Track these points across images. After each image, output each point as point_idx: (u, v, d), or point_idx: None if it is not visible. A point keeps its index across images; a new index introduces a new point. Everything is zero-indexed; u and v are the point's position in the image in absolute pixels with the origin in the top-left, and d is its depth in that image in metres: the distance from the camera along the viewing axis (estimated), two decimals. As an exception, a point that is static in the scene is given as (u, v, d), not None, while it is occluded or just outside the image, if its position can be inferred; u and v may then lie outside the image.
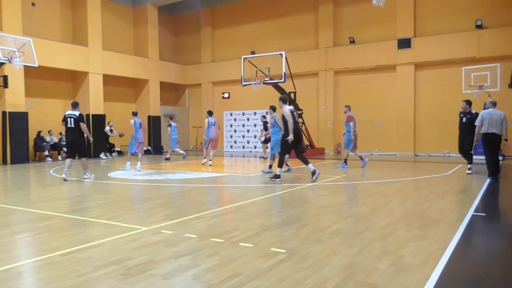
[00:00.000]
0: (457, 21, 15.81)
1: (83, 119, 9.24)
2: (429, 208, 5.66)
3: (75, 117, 9.09)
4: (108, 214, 5.48)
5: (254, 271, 3.20)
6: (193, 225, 4.82)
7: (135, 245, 3.97)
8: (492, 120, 8.49)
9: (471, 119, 9.42)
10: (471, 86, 14.33)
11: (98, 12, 17.73)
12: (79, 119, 9.10)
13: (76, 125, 9.06)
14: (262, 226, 4.73)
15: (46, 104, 16.81)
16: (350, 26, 18.09)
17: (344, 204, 6.03)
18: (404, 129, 16.69)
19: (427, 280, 2.99)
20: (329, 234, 4.33)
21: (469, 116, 9.56)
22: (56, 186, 8.71)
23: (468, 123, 9.48)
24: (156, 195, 7.20)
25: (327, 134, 18.38)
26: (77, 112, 9.18)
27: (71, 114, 9.14)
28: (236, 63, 19.00)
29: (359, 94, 17.93)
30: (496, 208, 6.29)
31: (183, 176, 10.02)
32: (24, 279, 3.20)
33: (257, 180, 9.31)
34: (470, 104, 9.76)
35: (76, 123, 9.06)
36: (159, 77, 20.92)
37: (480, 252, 3.91)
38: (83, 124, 9.12)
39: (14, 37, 13.78)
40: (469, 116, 9.56)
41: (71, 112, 9.22)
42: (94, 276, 3.15)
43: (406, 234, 4.32)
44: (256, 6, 20.49)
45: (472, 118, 9.38)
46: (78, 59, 16.94)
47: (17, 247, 4.12)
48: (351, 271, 3.19)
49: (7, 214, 5.68)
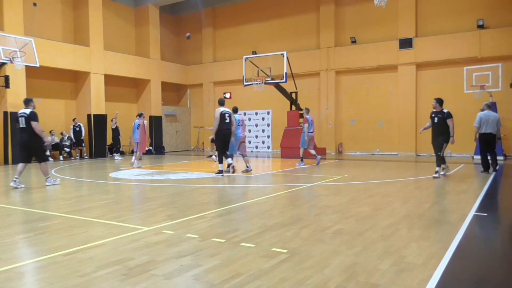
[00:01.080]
0: (458, 21, 15.78)
1: (36, 118, 8.07)
2: (431, 208, 5.65)
3: (26, 115, 7.99)
4: (110, 214, 5.49)
5: (255, 271, 3.20)
6: (195, 225, 4.82)
7: (137, 245, 3.97)
8: (488, 121, 9.40)
9: (442, 118, 8.75)
10: (472, 86, 14.31)
11: (100, 12, 17.76)
12: (30, 117, 7.98)
13: (28, 124, 7.96)
14: (264, 226, 4.73)
15: (47, 104, 16.84)
16: (352, 26, 18.08)
17: (345, 204, 6.02)
18: (405, 129, 16.67)
19: (429, 280, 2.99)
20: (331, 234, 4.33)
21: (441, 116, 8.81)
22: (57, 186, 8.72)
23: (440, 123, 8.80)
24: (157, 195, 7.20)
25: (328, 134, 18.36)
26: (28, 110, 8.08)
27: (22, 113, 8.07)
28: (237, 63, 19.01)
29: (360, 94, 17.92)
30: (498, 208, 6.27)
31: (184, 176, 10.03)
32: (26, 279, 3.20)
33: (258, 180, 9.31)
34: (441, 102, 8.99)
35: (27, 123, 7.96)
36: (160, 77, 20.93)
37: (482, 252, 3.90)
38: (34, 123, 7.98)
39: (15, 37, 13.82)
40: (441, 116, 8.81)
41: (23, 110, 8.14)
42: (95, 276, 3.16)
43: (408, 234, 4.31)
44: (257, 6, 20.49)
45: (444, 117, 8.73)
46: (80, 59, 16.97)
47: (19, 247, 4.13)
48: (353, 271, 3.19)
49: (9, 214, 5.69)
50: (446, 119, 8.69)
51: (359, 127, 17.96)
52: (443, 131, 8.72)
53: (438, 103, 8.95)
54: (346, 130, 18.36)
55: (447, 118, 8.70)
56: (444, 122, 8.70)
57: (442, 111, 8.86)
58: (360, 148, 17.90)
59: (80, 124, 16.95)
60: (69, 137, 16.83)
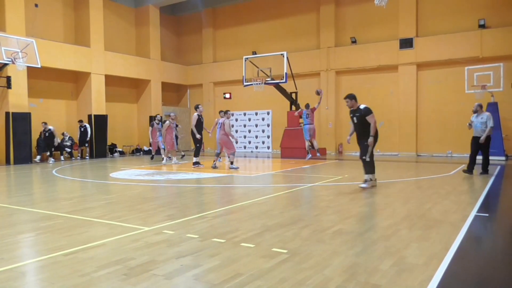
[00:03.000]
0: (459, 21, 15.76)
1: None
2: (431, 209, 5.64)
3: None
4: (110, 214, 5.50)
5: (256, 271, 3.20)
6: (195, 225, 4.82)
7: (137, 245, 3.97)
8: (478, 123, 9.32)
9: (361, 116, 7.37)
10: (474, 86, 14.30)
11: (100, 13, 17.79)
12: None
13: None
14: (264, 226, 4.73)
15: (48, 105, 16.87)
16: (352, 26, 18.07)
17: (346, 205, 6.02)
18: (406, 129, 16.66)
19: (429, 281, 2.98)
20: (331, 234, 4.32)
21: (359, 114, 7.41)
22: (58, 186, 8.74)
23: (360, 122, 7.44)
24: (157, 195, 7.21)
25: (329, 134, 18.36)
26: None
27: None
28: (237, 64, 19.02)
29: (361, 94, 17.69)
30: (499, 209, 6.26)
31: (185, 177, 10.03)
32: (27, 278, 3.21)
33: (258, 180, 9.31)
34: (353, 97, 7.53)
35: None
36: (160, 78, 20.95)
37: (483, 253, 3.90)
38: None
39: (17, 38, 13.85)
40: (359, 114, 7.41)
41: None
42: (96, 276, 3.16)
43: (409, 234, 4.31)
44: (257, 6, 20.49)
45: (362, 115, 7.36)
46: (81, 60, 17.00)
47: (21, 247, 4.13)
48: (353, 272, 3.19)
49: (11, 214, 5.70)
50: (365, 117, 7.34)
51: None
52: (367, 131, 7.38)
53: (350, 99, 7.51)
54: (346, 130, 18.31)
55: (365, 116, 7.34)
56: (365, 120, 7.36)
57: (358, 108, 7.46)
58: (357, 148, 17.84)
59: (86, 125, 16.95)
60: (70, 137, 16.85)
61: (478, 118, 9.37)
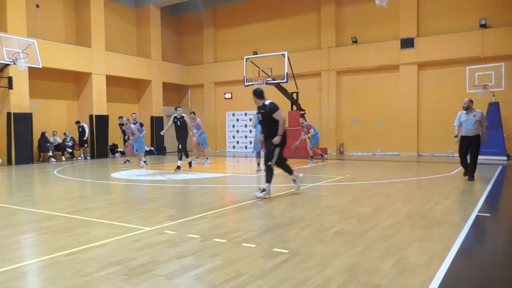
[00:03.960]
0: (460, 20, 15.75)
1: None
2: (433, 209, 5.63)
3: None
4: (111, 215, 5.50)
5: (257, 272, 3.20)
6: (196, 225, 4.82)
7: (138, 246, 3.98)
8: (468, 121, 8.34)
9: (266, 114, 6.56)
10: (475, 85, 14.28)
11: (101, 13, 17.82)
12: None
13: None
14: (265, 226, 4.73)
15: (50, 105, 16.90)
16: (353, 26, 18.07)
17: (347, 205, 6.01)
18: (407, 129, 16.64)
19: (431, 281, 2.98)
20: (332, 234, 4.32)
21: (264, 111, 6.57)
22: (60, 187, 8.75)
23: (266, 120, 6.62)
24: (158, 196, 7.21)
25: (329, 134, 18.35)
26: None
27: None
28: (238, 64, 19.02)
29: (361, 94, 17.90)
30: (501, 209, 6.25)
31: (186, 177, 10.04)
32: (29, 278, 3.21)
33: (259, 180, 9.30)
34: (256, 94, 6.67)
35: None
36: (161, 78, 20.97)
37: (485, 253, 3.89)
38: None
39: (18, 39, 13.87)
40: (264, 111, 6.57)
41: None
42: (97, 276, 3.16)
43: (410, 234, 4.31)
44: (258, 6, 20.50)
45: (266, 111, 6.53)
46: (82, 60, 17.03)
47: (22, 247, 4.14)
48: (354, 272, 3.18)
49: (12, 214, 5.71)
50: (271, 114, 6.48)
51: (360, 127, 17.94)
52: (273, 131, 6.50)
53: (254, 95, 6.69)
54: (347, 130, 18.34)
55: (271, 113, 6.47)
56: (272, 118, 6.48)
57: (264, 105, 6.59)
58: (361, 148, 17.88)
59: (83, 125, 16.98)
60: (71, 138, 16.87)
61: (469, 115, 8.34)
